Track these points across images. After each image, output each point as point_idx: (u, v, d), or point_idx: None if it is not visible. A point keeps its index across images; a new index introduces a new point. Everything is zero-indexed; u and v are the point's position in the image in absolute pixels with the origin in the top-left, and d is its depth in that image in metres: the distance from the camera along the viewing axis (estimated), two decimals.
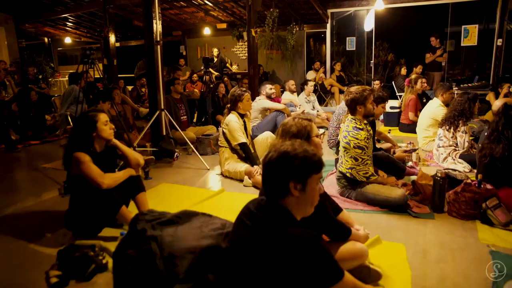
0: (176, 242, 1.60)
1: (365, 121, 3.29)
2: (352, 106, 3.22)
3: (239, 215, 1.56)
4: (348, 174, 3.22)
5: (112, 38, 8.75)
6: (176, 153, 4.81)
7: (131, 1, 8.85)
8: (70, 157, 2.55)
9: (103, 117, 2.66)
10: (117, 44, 12.28)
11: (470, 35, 8.75)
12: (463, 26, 8.80)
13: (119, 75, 10.04)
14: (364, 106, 3.19)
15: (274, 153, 1.43)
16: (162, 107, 4.64)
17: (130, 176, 2.73)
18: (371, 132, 3.31)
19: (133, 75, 10.95)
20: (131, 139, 4.36)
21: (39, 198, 3.60)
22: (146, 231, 1.64)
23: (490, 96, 6.84)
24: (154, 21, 4.63)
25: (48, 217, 3.17)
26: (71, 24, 11.43)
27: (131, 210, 2.85)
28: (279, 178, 1.41)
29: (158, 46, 4.63)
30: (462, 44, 8.93)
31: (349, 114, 3.32)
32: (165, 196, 3.63)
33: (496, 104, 3.65)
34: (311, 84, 6.97)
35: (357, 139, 3.11)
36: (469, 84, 7.83)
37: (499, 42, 8.38)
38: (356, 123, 3.20)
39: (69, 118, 5.59)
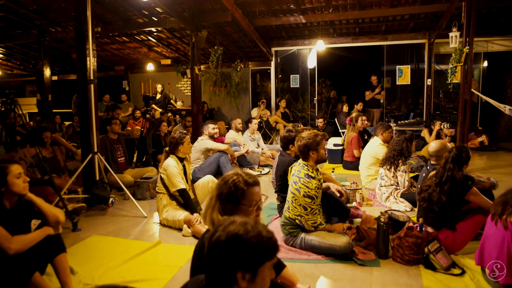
0: None
1: (316, 168, 3.21)
2: (305, 151, 3.10)
3: None
4: (297, 221, 3.09)
5: (47, 71, 8.26)
6: (111, 199, 4.44)
7: (68, 35, 8.47)
8: None
9: (15, 169, 2.33)
10: (55, 78, 11.71)
11: (404, 75, 9.37)
12: (397, 66, 9.42)
13: (57, 110, 9.45)
14: (317, 152, 3.09)
15: (222, 234, 1.18)
16: (96, 149, 4.29)
17: (47, 235, 2.39)
18: (322, 181, 3.23)
19: (71, 110, 10.39)
20: (59, 185, 3.95)
21: None
22: None
23: (424, 133, 7.25)
24: (88, 58, 4.37)
25: None
26: (1, 56, 10.68)
27: (50, 272, 2.49)
28: (225, 266, 1.17)
29: (92, 85, 4.33)
30: (397, 83, 9.53)
31: (300, 159, 3.22)
32: (94, 251, 3.25)
33: (432, 146, 3.74)
34: (255, 122, 6.92)
35: (307, 187, 2.99)
36: (406, 121, 8.24)
37: (429, 82, 9.02)
38: (308, 170, 3.08)
39: None
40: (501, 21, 8.18)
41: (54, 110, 8.89)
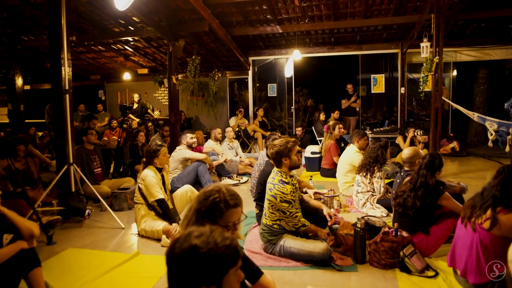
0: None
1: (290, 174, 3.27)
2: (278, 158, 3.18)
3: None
4: (275, 226, 3.14)
5: (19, 81, 8.06)
6: (87, 211, 4.36)
7: (42, 43, 8.31)
8: None
9: None
10: (27, 87, 11.43)
11: (379, 83, 9.62)
12: (372, 75, 9.68)
13: (30, 121, 9.20)
14: (289, 158, 3.16)
15: (178, 251, 1.15)
16: (71, 161, 4.21)
17: (21, 249, 2.32)
18: (297, 185, 3.31)
19: (44, 120, 10.17)
20: (32, 198, 3.85)
21: None
22: None
23: (399, 140, 7.45)
24: (63, 68, 4.31)
25: None
26: None
27: None
28: (186, 284, 1.14)
29: (67, 95, 4.27)
30: (372, 92, 9.78)
31: (275, 166, 3.27)
32: (70, 264, 3.19)
33: (405, 152, 3.87)
34: (229, 130, 6.92)
35: (283, 193, 3.05)
36: (381, 129, 8.45)
37: (402, 90, 9.30)
38: (282, 176, 3.15)
39: None
40: (468, 32, 8.56)
41: (26, 120, 8.66)
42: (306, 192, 4.11)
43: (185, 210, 1.73)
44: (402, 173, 3.89)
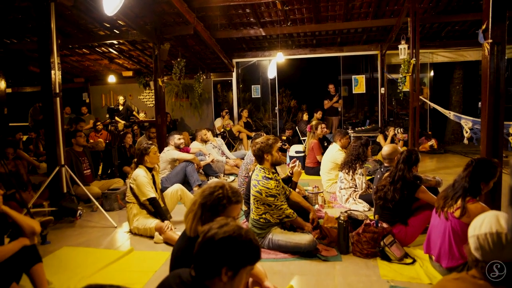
0: None
1: (273, 170, 3.45)
2: (260, 155, 3.37)
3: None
4: (262, 220, 3.31)
5: (1, 84, 8.04)
6: (79, 211, 4.44)
7: (25, 47, 8.28)
8: None
9: None
10: (9, 90, 11.29)
11: (359, 84, 9.92)
12: (353, 76, 9.96)
13: (12, 124, 9.14)
14: (271, 155, 3.36)
15: (218, 231, 1.38)
16: (63, 162, 4.30)
17: (23, 246, 2.43)
18: (280, 181, 3.50)
19: (28, 124, 10.11)
20: (24, 199, 3.92)
21: None
22: None
23: (380, 138, 7.72)
24: (53, 72, 4.38)
25: None
26: None
27: (23, 285, 2.53)
28: (214, 260, 1.37)
29: (58, 98, 4.35)
30: (353, 92, 10.06)
31: (258, 164, 3.45)
32: (66, 262, 3.28)
33: (385, 149, 4.10)
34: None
35: (267, 188, 3.24)
36: (362, 128, 8.72)
37: (382, 90, 9.61)
38: (265, 173, 3.34)
39: None
40: (443, 35, 8.93)
41: (10, 124, 8.62)
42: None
43: (189, 203, 1.82)
44: (382, 169, 4.11)
